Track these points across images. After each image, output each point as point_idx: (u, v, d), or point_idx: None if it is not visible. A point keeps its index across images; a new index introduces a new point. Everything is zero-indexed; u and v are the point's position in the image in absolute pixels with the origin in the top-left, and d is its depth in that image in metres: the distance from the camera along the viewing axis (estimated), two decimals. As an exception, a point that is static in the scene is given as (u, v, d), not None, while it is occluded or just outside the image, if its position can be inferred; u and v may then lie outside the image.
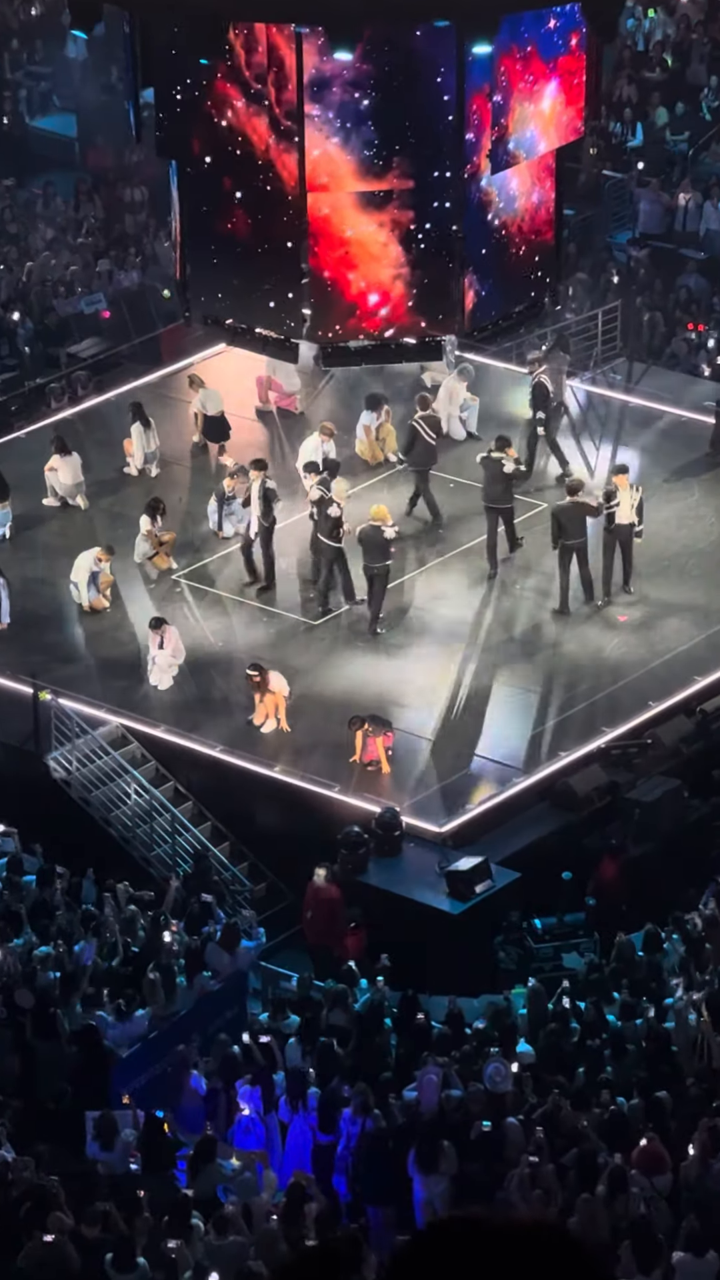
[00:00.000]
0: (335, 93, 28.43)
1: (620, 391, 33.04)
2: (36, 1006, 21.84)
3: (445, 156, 28.72)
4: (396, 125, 28.60)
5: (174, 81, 29.34)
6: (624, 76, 40.14)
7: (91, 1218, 18.30)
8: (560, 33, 29.12)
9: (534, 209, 30.10)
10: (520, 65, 28.85)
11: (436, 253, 29.22)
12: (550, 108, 29.42)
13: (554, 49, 29.16)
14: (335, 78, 28.30)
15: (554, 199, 30.44)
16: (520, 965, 23.90)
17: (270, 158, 28.91)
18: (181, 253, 30.61)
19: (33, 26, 43.56)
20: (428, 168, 28.81)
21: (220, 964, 22.93)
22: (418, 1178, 19.78)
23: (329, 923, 24.59)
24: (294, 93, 28.40)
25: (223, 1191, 19.58)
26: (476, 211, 29.27)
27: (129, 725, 26.92)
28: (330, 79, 28.32)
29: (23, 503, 30.71)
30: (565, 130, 29.86)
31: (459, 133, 28.49)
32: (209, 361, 33.01)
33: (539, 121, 29.31)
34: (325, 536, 28.36)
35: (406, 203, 28.96)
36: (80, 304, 36.97)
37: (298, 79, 28.29)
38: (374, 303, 29.47)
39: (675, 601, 28.85)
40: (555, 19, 28.92)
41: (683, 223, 37.98)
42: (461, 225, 29.04)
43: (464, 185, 28.83)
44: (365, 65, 28.12)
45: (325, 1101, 20.59)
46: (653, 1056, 21.05)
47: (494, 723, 26.96)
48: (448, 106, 28.46)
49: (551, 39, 29.06)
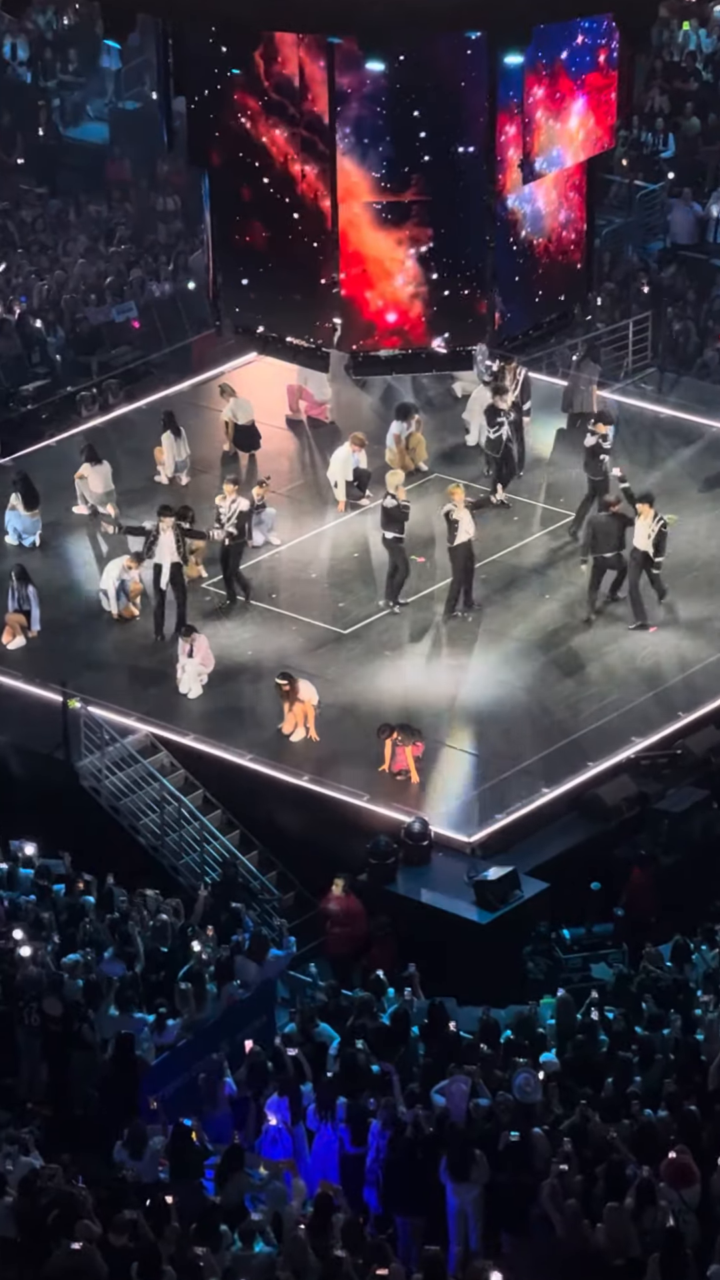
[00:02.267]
0: (354, 106, 28.42)
1: (651, 402, 33.01)
2: (66, 1014, 21.86)
3: (468, 173, 28.69)
4: (416, 140, 28.56)
5: (205, 91, 29.39)
6: (656, 87, 40.12)
7: (119, 1226, 18.30)
8: (588, 49, 29.05)
9: (561, 227, 30.03)
10: (548, 82, 28.77)
11: (457, 271, 29.16)
12: (578, 125, 29.36)
13: (582, 66, 29.11)
14: (354, 91, 28.26)
15: (584, 216, 30.36)
16: (549, 976, 23.87)
17: (296, 169, 28.91)
18: (213, 261, 30.67)
19: (66, 36, 43.68)
20: (449, 184, 28.76)
21: (249, 974, 22.93)
22: (450, 1186, 19.78)
23: (349, 934, 24.56)
24: (318, 104, 28.38)
25: (250, 1200, 19.58)
26: (502, 229, 29.21)
27: (158, 733, 26.94)
28: (350, 93, 28.28)
29: (53, 511, 30.77)
30: (594, 145, 29.81)
31: (487, 148, 28.45)
32: (240, 370, 33.06)
33: (566, 139, 29.27)
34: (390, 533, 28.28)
35: (425, 219, 28.91)
36: (112, 312, 37.05)
37: (330, 90, 28.31)
38: (392, 320, 29.45)
39: (705, 612, 28.80)
40: (584, 35, 28.87)
41: (714, 233, 37.93)
42: (489, 242, 29.00)
43: (489, 202, 28.77)
44: (385, 80, 28.10)
45: (356, 1112, 20.58)
46: (682, 1068, 21.01)
47: (523, 732, 26.93)
48: (472, 122, 28.40)
49: (580, 55, 29.00)
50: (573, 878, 25.10)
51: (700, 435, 32.35)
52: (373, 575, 29.29)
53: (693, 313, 36.40)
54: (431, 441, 31.65)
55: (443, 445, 31.92)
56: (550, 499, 30.64)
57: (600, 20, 28.75)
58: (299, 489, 31.11)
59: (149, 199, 40.18)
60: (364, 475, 30.62)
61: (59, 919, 23.74)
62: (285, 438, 32.43)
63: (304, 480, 31.36)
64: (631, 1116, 20.18)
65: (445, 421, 32.42)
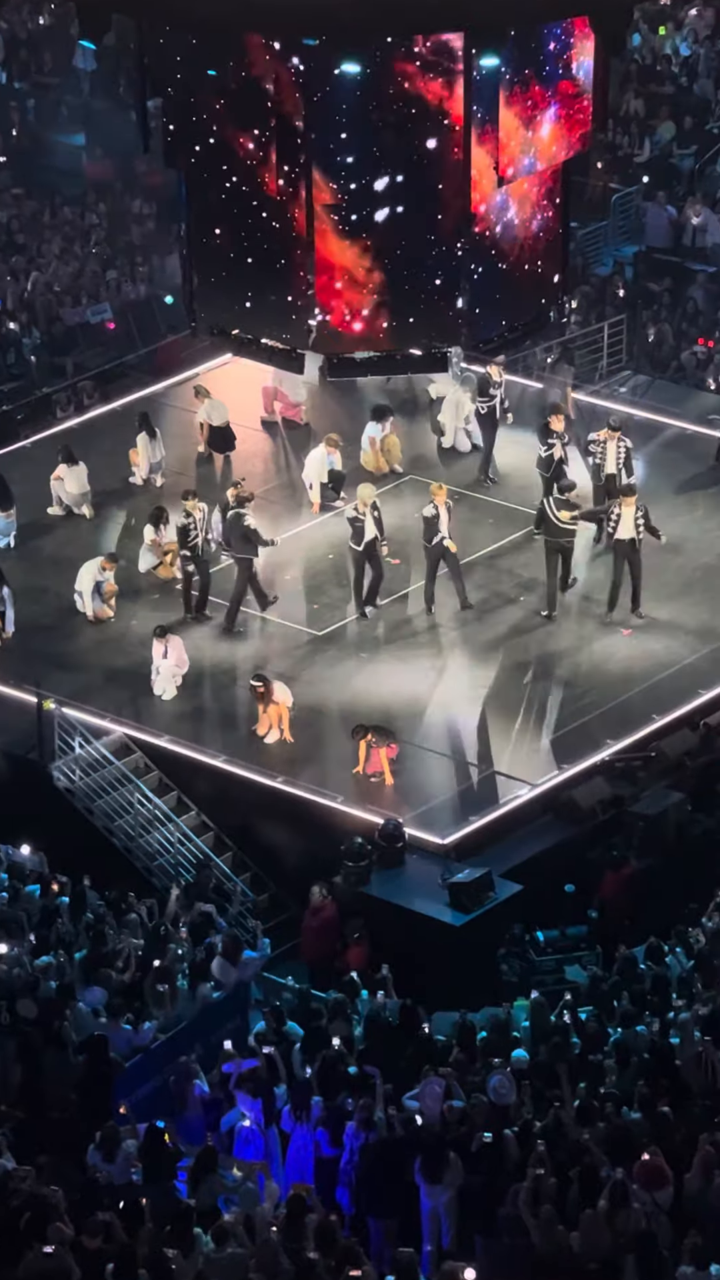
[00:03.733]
0: (326, 110, 28.35)
1: (626, 404, 33.05)
2: (41, 1015, 21.82)
3: (442, 177, 28.65)
4: (386, 146, 28.53)
5: (181, 92, 29.36)
6: (631, 90, 40.19)
7: (93, 1228, 18.26)
8: (558, 56, 29.02)
9: (535, 230, 29.99)
10: (519, 87, 28.74)
11: (426, 278, 29.13)
12: (550, 132, 29.32)
13: (554, 73, 29.09)
14: (326, 95, 28.20)
15: (558, 219, 30.33)
16: (522, 978, 23.88)
17: (268, 171, 28.87)
18: (189, 262, 30.63)
19: (41, 36, 43.61)
20: (418, 191, 28.73)
21: (224, 975, 22.91)
22: (423, 1187, 19.78)
23: (326, 940, 24.56)
24: (288, 107, 28.35)
25: (223, 1202, 19.56)
26: (476, 233, 29.17)
27: (132, 735, 26.92)
28: (321, 96, 28.22)
29: (28, 512, 30.73)
30: (567, 150, 29.77)
31: (464, 153, 28.45)
32: (215, 372, 33.05)
33: (539, 144, 29.24)
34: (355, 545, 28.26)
35: (398, 223, 28.87)
36: (86, 314, 37.02)
37: (304, 93, 28.29)
38: (357, 329, 29.42)
39: (679, 615, 28.85)
40: (554, 42, 28.83)
41: (691, 237, 38.01)
42: (462, 245, 28.98)
43: (463, 206, 28.77)
44: (357, 83, 28.05)
45: (334, 1114, 20.57)
46: (655, 1070, 21.03)
47: (497, 735, 26.95)
48: (445, 126, 28.37)
49: (552, 62, 28.98)
50: (547, 880, 25.12)
51: (673, 438, 32.40)
52: (348, 578, 29.28)
53: (668, 316, 36.47)
54: (406, 444, 31.67)
55: (417, 448, 31.94)
56: (523, 500, 30.63)
57: (571, 27, 28.71)
58: (274, 490, 31.11)
59: (124, 200, 40.13)
60: (339, 477, 30.62)
61: (32, 920, 23.70)
62: (260, 439, 32.42)
63: (279, 482, 31.36)
64: (605, 1118, 20.19)
65: (420, 424, 32.45)
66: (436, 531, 28.25)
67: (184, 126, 29.58)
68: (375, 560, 28.51)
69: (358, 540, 28.32)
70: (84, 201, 40.06)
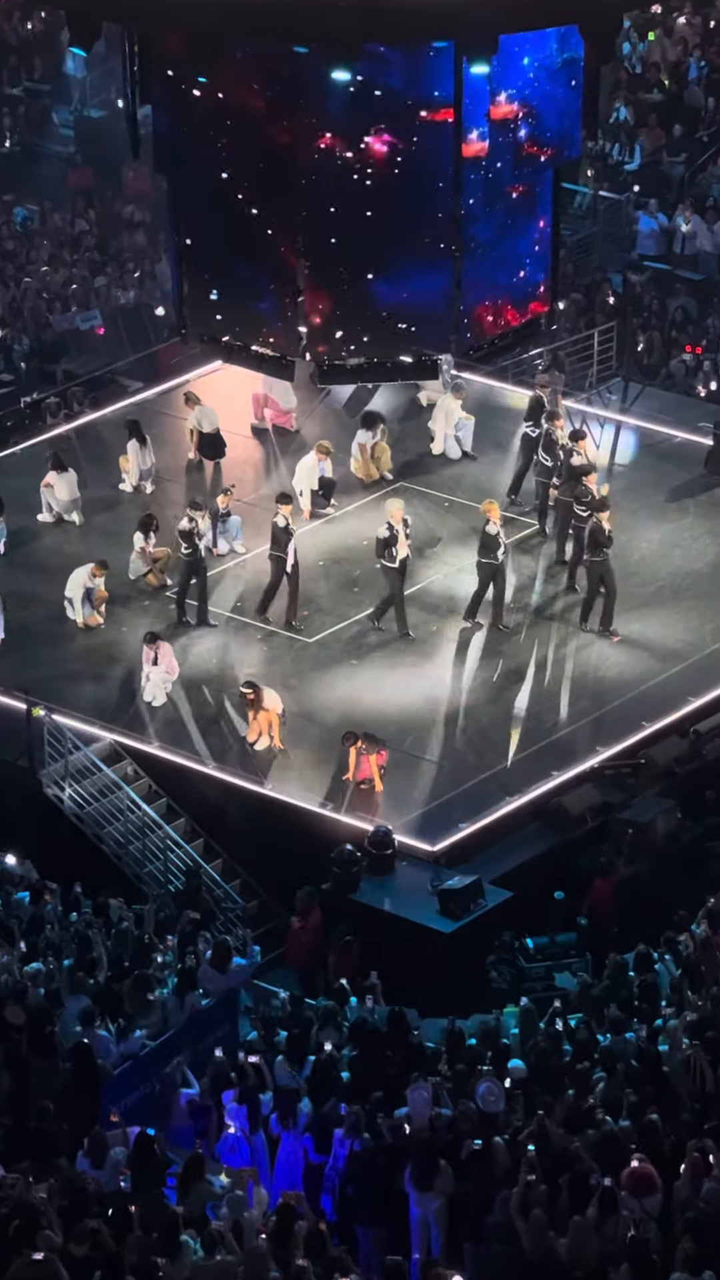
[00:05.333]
0: (317, 116, 28.35)
1: (616, 412, 33.08)
2: (29, 1022, 21.80)
3: (433, 182, 28.64)
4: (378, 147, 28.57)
5: (172, 98, 29.36)
6: (621, 98, 40.22)
7: (80, 1236, 18.24)
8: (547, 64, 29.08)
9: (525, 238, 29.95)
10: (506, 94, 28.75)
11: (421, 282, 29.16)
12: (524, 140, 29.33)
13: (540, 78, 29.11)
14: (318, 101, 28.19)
15: (548, 231, 30.32)
16: (512, 985, 23.88)
17: (260, 175, 28.88)
18: (179, 269, 30.64)
19: (31, 43, 43.61)
20: (413, 192, 28.74)
21: (212, 982, 22.90)
22: (413, 1195, 19.76)
23: (314, 947, 24.53)
24: (282, 113, 28.37)
25: (211, 1209, 19.54)
26: (468, 239, 29.16)
27: (122, 741, 26.91)
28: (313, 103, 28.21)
29: (18, 519, 30.72)
30: (555, 158, 29.78)
31: (454, 158, 28.47)
32: (205, 378, 33.05)
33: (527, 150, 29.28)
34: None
35: (390, 227, 28.86)
36: (76, 320, 37.02)
37: (297, 98, 28.31)
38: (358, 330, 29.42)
39: (669, 621, 28.86)
40: (528, 58, 28.83)
41: (681, 245, 38.05)
42: (454, 252, 28.98)
43: (454, 213, 28.77)
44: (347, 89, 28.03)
45: (321, 1121, 20.54)
46: (643, 1077, 21.02)
47: (487, 741, 26.95)
48: (436, 130, 28.37)
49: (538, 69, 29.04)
50: (536, 887, 25.12)
51: (663, 446, 32.42)
52: (337, 584, 29.29)
53: (657, 323, 36.50)
54: (396, 451, 31.69)
55: (407, 454, 31.97)
56: (512, 507, 30.61)
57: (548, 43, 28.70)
58: (264, 497, 31.11)
59: (114, 207, 40.14)
60: (329, 484, 30.63)
61: (21, 926, 23.68)
62: (250, 446, 32.43)
63: (269, 489, 31.36)
64: (594, 1125, 20.18)
65: (410, 430, 32.47)
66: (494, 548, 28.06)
67: (173, 132, 29.57)
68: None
69: (392, 557, 28.10)
70: (73, 208, 40.07)
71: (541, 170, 29.61)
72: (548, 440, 29.84)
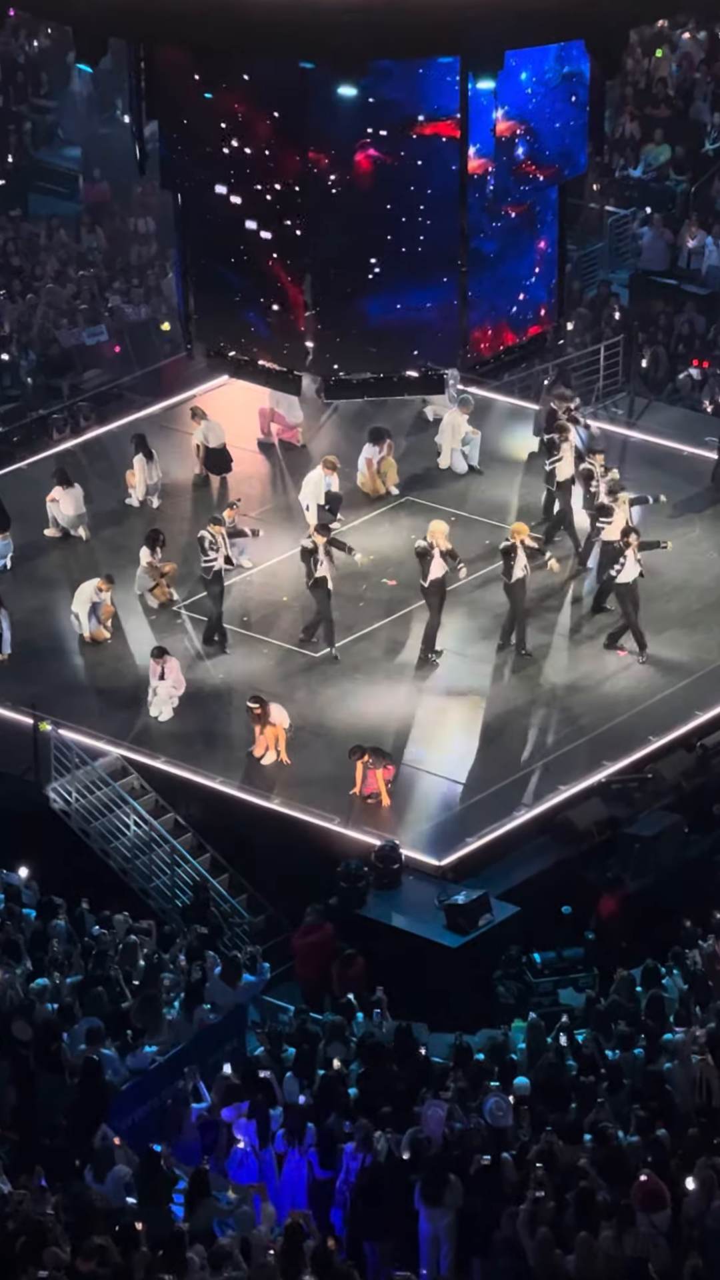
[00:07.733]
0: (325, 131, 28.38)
1: (622, 426, 33.09)
2: (36, 1038, 21.79)
3: (439, 196, 28.67)
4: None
5: (178, 114, 29.41)
6: (627, 113, 40.27)
7: (88, 1252, 18.21)
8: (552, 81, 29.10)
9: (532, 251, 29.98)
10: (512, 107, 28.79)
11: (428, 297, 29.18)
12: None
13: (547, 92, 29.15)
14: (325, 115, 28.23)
15: (551, 251, 30.32)
16: (519, 1000, 23.86)
17: (266, 192, 28.91)
18: (185, 285, 30.68)
19: (38, 59, 43.71)
20: (420, 206, 28.78)
21: (222, 998, 22.88)
22: (423, 1210, 19.73)
23: (321, 961, 24.52)
24: (285, 131, 28.41)
25: (219, 1225, 19.51)
26: (474, 253, 29.18)
27: (129, 756, 26.91)
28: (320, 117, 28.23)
29: (24, 534, 30.75)
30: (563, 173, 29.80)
31: (461, 173, 28.50)
32: (212, 393, 33.08)
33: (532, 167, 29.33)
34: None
35: (399, 243, 28.89)
36: (83, 335, 37.05)
37: (301, 114, 28.35)
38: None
39: (677, 636, 28.84)
40: (526, 73, 28.84)
41: (686, 259, 38.08)
42: (461, 266, 29.00)
43: (461, 227, 28.80)
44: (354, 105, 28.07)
45: (325, 1136, 20.52)
46: (649, 1093, 20.99)
47: (494, 756, 26.94)
48: (443, 144, 28.40)
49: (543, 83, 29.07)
50: (544, 902, 25.10)
51: (669, 460, 32.43)
52: (343, 599, 29.28)
53: (664, 338, 36.51)
54: (403, 466, 31.70)
55: (414, 469, 31.98)
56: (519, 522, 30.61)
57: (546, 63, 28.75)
58: (270, 512, 31.12)
59: (122, 222, 40.20)
60: (336, 499, 30.63)
61: (27, 942, 23.67)
62: (257, 461, 32.44)
63: (275, 503, 31.38)
64: (600, 1141, 20.14)
65: (416, 445, 32.49)
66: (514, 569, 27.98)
67: (179, 148, 29.62)
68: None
69: (424, 575, 28.03)
70: (80, 223, 40.14)
71: (542, 189, 29.66)
72: (585, 475, 29.66)
